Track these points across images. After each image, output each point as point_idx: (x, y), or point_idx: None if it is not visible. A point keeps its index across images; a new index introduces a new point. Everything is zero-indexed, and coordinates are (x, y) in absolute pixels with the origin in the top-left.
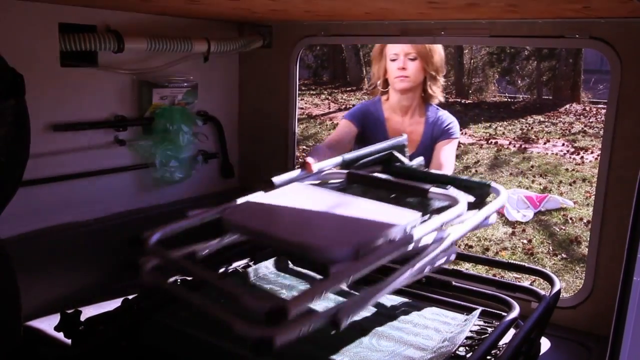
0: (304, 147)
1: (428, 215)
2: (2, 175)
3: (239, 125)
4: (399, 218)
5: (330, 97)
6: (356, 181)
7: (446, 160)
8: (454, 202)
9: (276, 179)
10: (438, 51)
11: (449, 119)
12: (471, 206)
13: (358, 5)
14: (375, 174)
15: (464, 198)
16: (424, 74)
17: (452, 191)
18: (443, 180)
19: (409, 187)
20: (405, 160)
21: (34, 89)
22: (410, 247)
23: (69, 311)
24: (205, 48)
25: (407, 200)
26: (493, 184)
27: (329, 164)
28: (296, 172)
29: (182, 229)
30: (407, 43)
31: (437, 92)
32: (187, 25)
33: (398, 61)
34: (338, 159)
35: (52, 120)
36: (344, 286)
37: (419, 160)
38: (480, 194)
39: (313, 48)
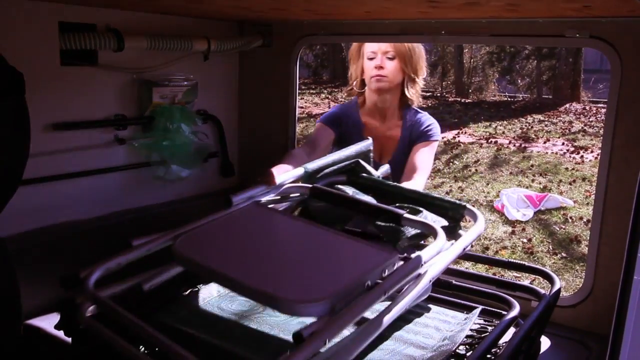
0: None
1: (402, 245)
2: (2, 173)
3: (239, 124)
4: (375, 258)
5: (330, 96)
6: (320, 197)
7: (421, 162)
8: (430, 232)
9: (235, 197)
10: (418, 51)
11: (428, 121)
12: (444, 230)
13: (358, 4)
14: (340, 187)
15: (441, 230)
16: (402, 75)
17: (427, 216)
18: (414, 197)
19: (381, 211)
20: (372, 170)
21: (34, 87)
22: (390, 293)
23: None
24: (205, 47)
25: (377, 223)
26: (468, 206)
27: (290, 177)
28: (256, 189)
29: (126, 262)
30: (407, 42)
31: (416, 95)
32: (187, 24)
33: (375, 60)
34: (300, 170)
35: (52, 119)
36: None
37: (385, 168)
38: (454, 217)
39: (313, 47)
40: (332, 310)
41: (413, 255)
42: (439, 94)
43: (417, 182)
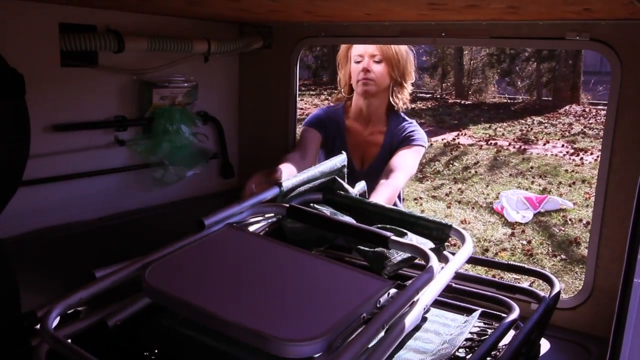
0: None
1: (388, 272)
2: (2, 174)
3: (239, 125)
4: (367, 287)
5: (330, 98)
6: (298, 218)
7: (400, 162)
8: (421, 256)
9: (207, 219)
10: (406, 55)
11: (411, 127)
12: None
13: (358, 6)
14: (317, 206)
15: (433, 254)
16: (389, 79)
17: (411, 238)
18: (395, 217)
19: (366, 233)
20: (349, 189)
21: (34, 89)
22: (386, 327)
23: (68, 311)
24: (205, 48)
25: (360, 248)
26: (454, 226)
27: (266, 196)
28: (229, 209)
29: (88, 296)
30: (407, 44)
31: (403, 100)
32: (188, 26)
33: (362, 63)
34: (275, 190)
35: (52, 120)
36: None
37: (361, 186)
38: (439, 238)
39: (313, 48)
40: (329, 349)
41: (407, 283)
42: (438, 96)
43: (395, 182)
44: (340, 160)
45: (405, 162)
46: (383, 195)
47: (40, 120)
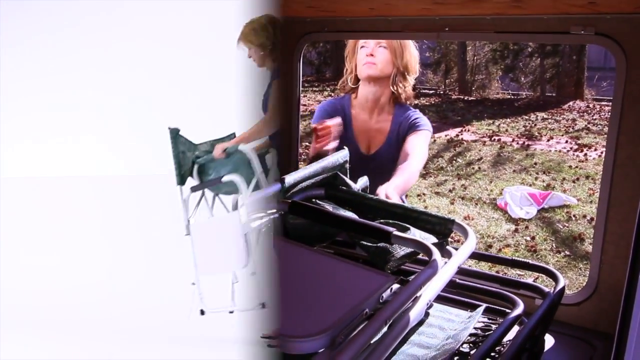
0: (307, 143)
1: (391, 267)
2: None
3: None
4: (370, 283)
5: (333, 94)
6: (300, 213)
7: (412, 149)
8: (424, 251)
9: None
10: (410, 48)
11: (415, 115)
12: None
13: (362, 1)
14: (319, 202)
15: (436, 249)
16: (392, 67)
17: (414, 233)
18: (398, 212)
19: (368, 228)
20: (351, 184)
21: None
22: (389, 322)
23: None
24: None
25: (363, 243)
26: (457, 221)
27: (268, 192)
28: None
29: None
30: (411, 39)
31: (407, 91)
32: None
33: (367, 48)
34: (277, 186)
35: None
36: None
37: (363, 181)
38: (442, 232)
39: (316, 44)
40: (331, 345)
41: (410, 279)
42: (442, 92)
43: (411, 166)
44: (342, 155)
45: (418, 148)
46: (402, 177)
47: None
